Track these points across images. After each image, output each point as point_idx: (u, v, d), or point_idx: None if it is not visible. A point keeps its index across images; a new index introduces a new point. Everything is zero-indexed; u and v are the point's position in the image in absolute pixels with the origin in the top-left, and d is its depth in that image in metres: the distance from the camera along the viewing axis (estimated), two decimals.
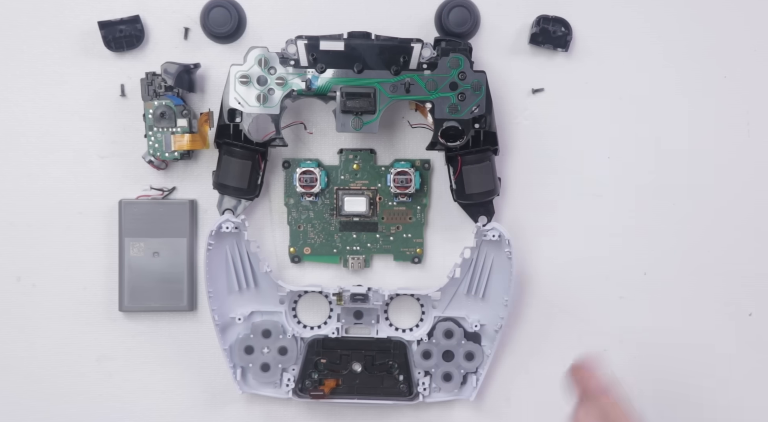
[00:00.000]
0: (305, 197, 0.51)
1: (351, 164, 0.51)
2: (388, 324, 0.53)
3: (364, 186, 0.52)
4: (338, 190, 0.52)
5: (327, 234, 0.52)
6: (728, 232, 0.54)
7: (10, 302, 0.53)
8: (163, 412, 0.54)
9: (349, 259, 0.52)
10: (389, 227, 0.52)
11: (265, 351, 0.52)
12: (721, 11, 0.53)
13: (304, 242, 0.52)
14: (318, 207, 0.52)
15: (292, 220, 0.52)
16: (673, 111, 0.53)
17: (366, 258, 0.52)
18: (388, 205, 0.52)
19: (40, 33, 0.52)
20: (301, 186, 0.51)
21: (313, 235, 0.52)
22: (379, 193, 0.52)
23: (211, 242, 0.50)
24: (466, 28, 0.51)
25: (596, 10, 0.52)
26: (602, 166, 0.53)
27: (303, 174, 0.51)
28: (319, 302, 0.53)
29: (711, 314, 0.54)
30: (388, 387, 0.52)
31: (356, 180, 0.52)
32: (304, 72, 0.48)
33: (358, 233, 0.52)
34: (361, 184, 0.52)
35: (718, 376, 0.54)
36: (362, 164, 0.51)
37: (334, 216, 0.52)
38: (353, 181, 0.52)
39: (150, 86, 0.50)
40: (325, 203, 0.52)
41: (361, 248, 0.52)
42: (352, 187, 0.52)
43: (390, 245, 0.52)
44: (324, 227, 0.52)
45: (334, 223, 0.52)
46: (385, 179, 0.51)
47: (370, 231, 0.52)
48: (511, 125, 0.53)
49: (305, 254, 0.52)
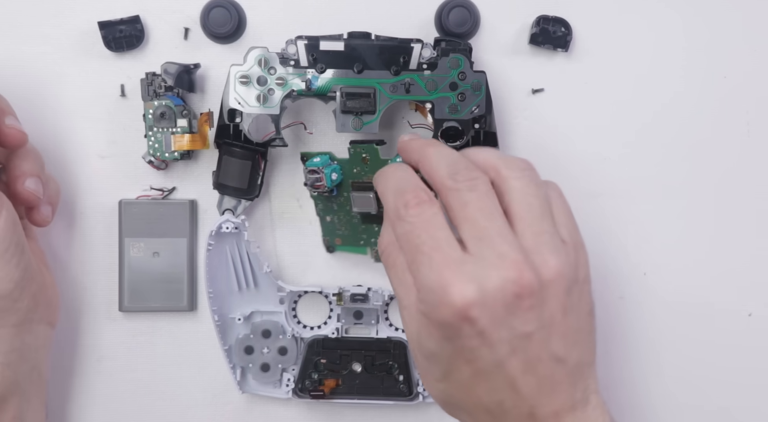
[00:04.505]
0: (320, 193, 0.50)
1: (359, 157, 0.50)
2: (388, 324, 0.53)
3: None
4: (353, 183, 0.50)
5: (352, 227, 0.51)
6: (727, 232, 0.54)
7: None
8: (163, 412, 0.54)
9: (369, 252, 0.52)
10: None
11: (265, 351, 0.52)
12: (720, 11, 0.53)
13: (334, 232, 0.52)
14: (339, 200, 0.51)
15: (320, 211, 0.52)
16: (673, 111, 0.53)
17: None
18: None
19: (40, 33, 0.52)
20: (310, 185, 0.49)
21: (341, 226, 0.52)
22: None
23: (211, 242, 0.50)
24: (466, 28, 0.51)
25: (596, 10, 0.52)
26: (602, 166, 0.53)
27: (309, 173, 0.49)
28: (319, 303, 0.53)
29: (711, 314, 0.54)
30: (388, 387, 0.53)
31: (368, 174, 0.50)
32: (304, 72, 0.48)
33: (379, 226, 0.51)
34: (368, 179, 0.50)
35: (718, 376, 0.54)
36: (371, 156, 0.50)
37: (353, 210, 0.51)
38: (365, 174, 0.50)
39: (150, 86, 0.50)
40: (344, 196, 0.51)
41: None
42: (364, 180, 0.50)
43: None
44: (348, 220, 0.51)
45: (356, 216, 0.51)
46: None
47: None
48: (511, 125, 0.53)
49: (337, 245, 0.52)
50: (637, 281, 0.54)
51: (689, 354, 0.54)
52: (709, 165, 0.53)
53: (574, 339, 0.39)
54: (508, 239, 0.38)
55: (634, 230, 0.54)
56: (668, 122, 0.53)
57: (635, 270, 0.54)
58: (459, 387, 0.40)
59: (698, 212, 0.53)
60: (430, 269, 0.37)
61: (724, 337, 0.54)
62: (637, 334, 0.54)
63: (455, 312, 0.37)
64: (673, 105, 0.53)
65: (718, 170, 0.53)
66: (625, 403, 0.54)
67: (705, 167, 0.53)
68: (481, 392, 0.39)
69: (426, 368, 0.40)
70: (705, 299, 0.54)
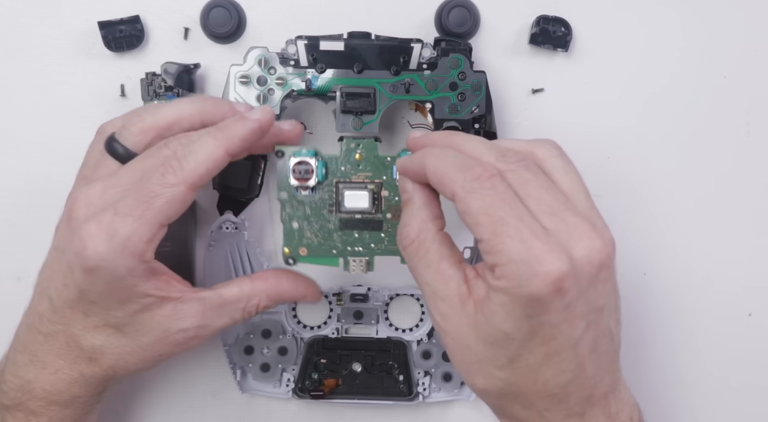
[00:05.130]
0: (300, 190, 0.47)
1: (353, 154, 0.47)
2: (388, 324, 0.53)
3: (367, 179, 0.47)
4: (338, 183, 0.47)
5: (325, 233, 0.47)
6: (727, 232, 0.54)
7: (10, 302, 0.53)
8: (163, 412, 0.54)
9: (350, 261, 0.47)
10: (395, 225, 0.46)
11: (265, 351, 0.52)
12: (721, 11, 0.53)
13: (299, 241, 0.47)
14: (315, 202, 0.47)
15: (285, 216, 0.47)
16: (672, 111, 0.53)
17: (369, 261, 0.47)
18: (395, 201, 0.47)
19: (40, 33, 0.52)
20: (296, 178, 0.46)
21: (310, 234, 0.47)
22: (384, 186, 0.47)
23: (211, 242, 0.50)
24: (466, 28, 0.51)
25: (596, 10, 0.52)
26: (602, 166, 0.53)
27: (297, 165, 0.46)
28: (319, 303, 0.53)
29: (710, 314, 0.54)
30: (388, 387, 0.53)
31: (358, 172, 0.47)
32: (304, 72, 0.48)
33: (360, 232, 0.47)
34: (363, 176, 0.47)
35: (718, 377, 0.54)
36: (365, 153, 0.47)
37: (334, 213, 0.47)
38: (355, 173, 0.47)
39: (150, 86, 0.50)
40: (323, 198, 0.47)
41: (364, 248, 0.47)
42: (353, 179, 0.47)
43: (396, 246, 0.45)
44: (322, 225, 0.47)
45: (333, 220, 0.47)
46: (391, 171, 0.47)
47: (374, 230, 0.47)
48: (511, 125, 0.53)
49: (301, 256, 0.47)
50: (637, 281, 0.54)
51: (689, 354, 0.54)
52: (709, 165, 0.53)
53: (617, 315, 0.40)
54: (575, 212, 0.38)
55: (633, 230, 0.54)
56: (668, 122, 0.53)
57: (635, 270, 0.54)
58: (524, 373, 0.38)
59: (698, 211, 0.53)
60: (520, 241, 0.36)
61: (724, 337, 0.54)
62: (636, 334, 0.54)
63: (549, 283, 0.35)
64: (673, 105, 0.53)
65: (718, 169, 0.53)
66: None
67: (705, 166, 0.53)
68: (548, 375, 0.38)
69: (485, 356, 0.38)
70: (705, 299, 0.54)
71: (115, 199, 0.41)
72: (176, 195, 0.41)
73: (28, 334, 0.44)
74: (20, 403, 0.44)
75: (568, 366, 0.38)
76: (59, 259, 0.43)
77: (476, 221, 0.37)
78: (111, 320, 0.43)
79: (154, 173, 0.41)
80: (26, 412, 0.44)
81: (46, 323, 0.43)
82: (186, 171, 0.41)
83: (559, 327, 0.37)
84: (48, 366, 0.44)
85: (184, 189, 0.41)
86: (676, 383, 0.54)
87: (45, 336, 0.43)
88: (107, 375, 0.44)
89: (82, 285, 0.41)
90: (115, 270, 0.40)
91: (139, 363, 0.44)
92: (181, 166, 0.41)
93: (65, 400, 0.44)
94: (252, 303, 0.45)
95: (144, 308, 0.42)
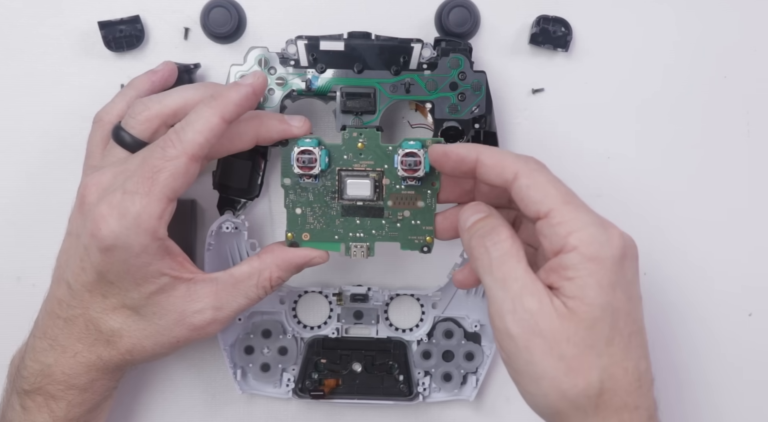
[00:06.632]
0: (304, 178, 0.47)
1: (355, 143, 0.47)
2: (388, 324, 0.53)
3: (369, 167, 0.48)
4: (340, 171, 0.47)
5: (328, 219, 0.48)
6: (727, 232, 0.54)
7: (10, 302, 0.53)
8: (163, 412, 0.54)
9: (351, 247, 0.48)
10: (396, 212, 0.48)
11: (265, 351, 0.52)
12: (720, 12, 0.53)
13: (302, 227, 0.48)
14: (318, 189, 0.48)
15: (289, 203, 0.48)
16: (673, 111, 0.53)
17: (370, 246, 0.48)
18: (396, 188, 0.47)
19: (40, 33, 0.52)
20: (299, 167, 0.47)
21: (313, 220, 0.48)
22: (385, 175, 0.47)
23: (211, 242, 0.50)
24: (466, 28, 0.51)
25: (596, 10, 0.52)
26: (602, 166, 0.53)
27: (301, 154, 0.46)
28: (319, 302, 0.53)
29: (710, 314, 0.54)
30: (388, 387, 0.53)
31: (360, 161, 0.48)
32: (304, 72, 0.48)
33: (362, 219, 0.48)
34: (365, 165, 0.48)
35: (718, 377, 0.54)
36: (367, 142, 0.47)
37: (336, 200, 0.48)
38: (357, 161, 0.48)
39: None
40: (326, 186, 0.48)
41: (365, 234, 0.48)
42: (356, 168, 0.47)
43: (397, 233, 0.48)
44: (325, 212, 0.48)
45: (335, 207, 0.48)
46: (392, 161, 0.47)
47: (375, 217, 0.48)
48: (511, 125, 0.53)
49: (303, 241, 0.48)
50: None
51: (689, 354, 0.54)
52: (709, 165, 0.53)
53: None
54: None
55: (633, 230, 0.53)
56: (668, 123, 0.53)
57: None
58: (618, 360, 0.38)
59: (698, 211, 0.53)
60: (588, 209, 0.40)
61: (724, 337, 0.54)
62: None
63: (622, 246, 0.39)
64: (673, 105, 0.53)
65: (718, 169, 0.53)
66: None
67: (705, 166, 0.53)
68: (635, 355, 0.39)
69: (586, 344, 0.38)
70: (705, 299, 0.54)
71: (124, 181, 0.42)
72: (179, 167, 0.42)
73: (48, 320, 0.45)
74: (40, 387, 0.45)
75: (643, 341, 0.40)
76: (75, 244, 0.44)
77: (545, 192, 0.40)
78: (128, 301, 0.44)
79: (156, 149, 0.42)
80: (46, 396, 0.45)
81: (65, 307, 0.44)
82: (185, 142, 0.42)
83: (635, 303, 0.40)
84: (67, 349, 0.44)
85: (185, 160, 0.42)
86: (675, 383, 0.54)
87: (65, 320, 0.44)
88: (125, 358, 0.45)
89: (99, 266, 0.42)
90: (130, 248, 0.42)
91: (156, 346, 0.45)
92: (179, 138, 0.42)
93: (83, 383, 0.45)
94: (264, 277, 0.46)
95: (159, 289, 0.44)
